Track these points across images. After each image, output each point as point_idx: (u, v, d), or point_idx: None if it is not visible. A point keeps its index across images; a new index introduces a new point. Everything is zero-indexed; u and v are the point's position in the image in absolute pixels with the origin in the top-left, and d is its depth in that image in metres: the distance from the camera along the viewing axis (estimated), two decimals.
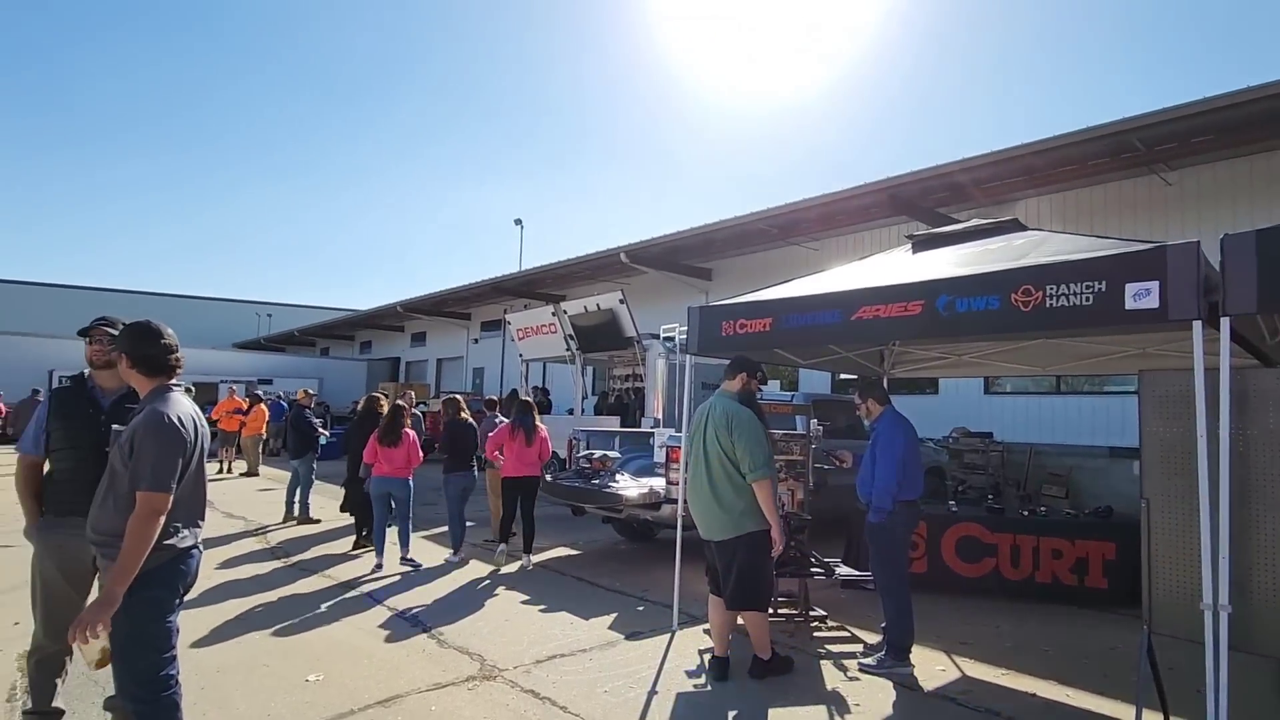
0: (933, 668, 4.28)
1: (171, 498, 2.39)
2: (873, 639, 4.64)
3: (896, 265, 4.66)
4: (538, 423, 6.90)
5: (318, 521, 8.79)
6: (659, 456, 7.07)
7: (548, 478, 7.40)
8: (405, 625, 4.89)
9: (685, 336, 5.23)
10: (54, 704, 3.10)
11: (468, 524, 7.36)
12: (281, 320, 39.33)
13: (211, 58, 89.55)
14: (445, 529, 7.41)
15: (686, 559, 4.87)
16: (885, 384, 6.15)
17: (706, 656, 4.23)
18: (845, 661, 4.35)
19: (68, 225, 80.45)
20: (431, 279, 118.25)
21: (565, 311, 11.59)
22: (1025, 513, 6.39)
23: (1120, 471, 9.51)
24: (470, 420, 7.59)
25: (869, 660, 4.28)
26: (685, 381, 5.42)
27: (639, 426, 10.30)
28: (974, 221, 5.18)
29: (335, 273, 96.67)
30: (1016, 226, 4.82)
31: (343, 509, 8.03)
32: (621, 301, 10.26)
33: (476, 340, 25.87)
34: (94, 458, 2.77)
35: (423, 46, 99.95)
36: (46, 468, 3.07)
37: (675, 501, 5.44)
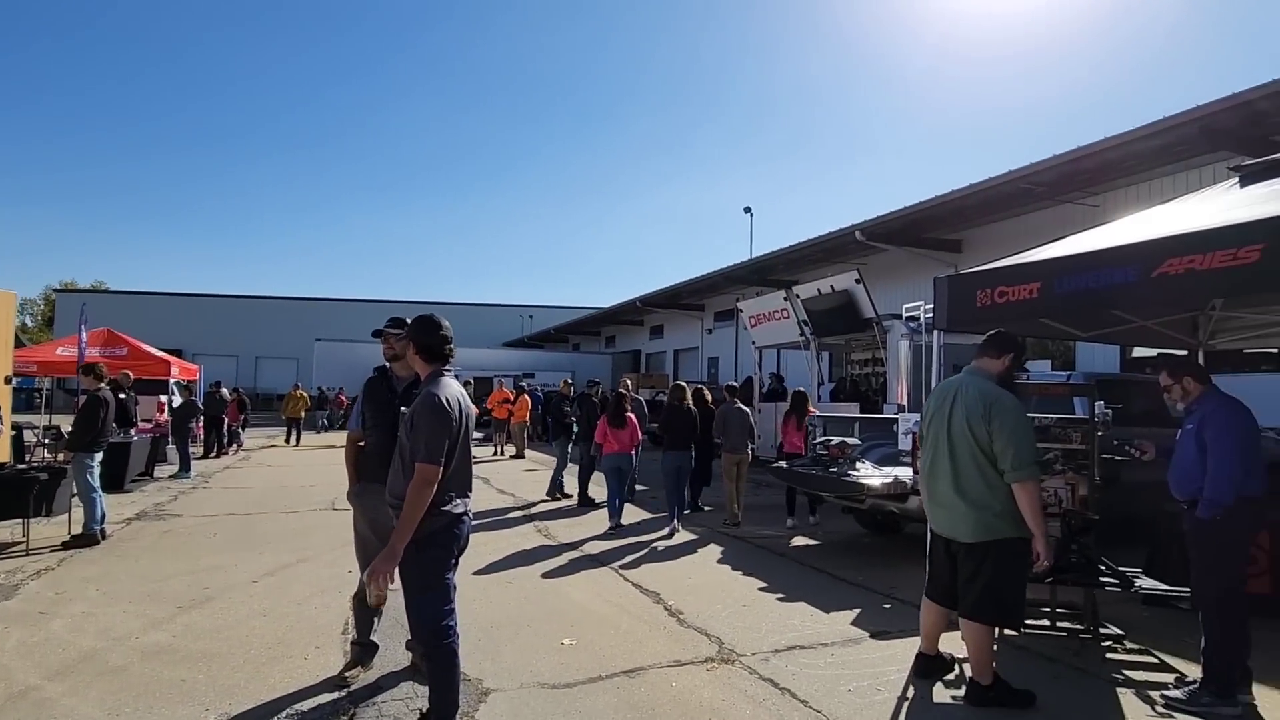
0: (1276, 713, 3.37)
1: (442, 469, 2.72)
2: (1189, 670, 3.77)
3: (1216, 206, 3.72)
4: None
5: (570, 496, 9.63)
6: (904, 444, 6.54)
7: (782, 464, 7.27)
8: (646, 601, 5.11)
9: (931, 313, 4.73)
10: (371, 638, 3.74)
11: (705, 508, 7.51)
12: (541, 320, 43.89)
13: (449, 86, 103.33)
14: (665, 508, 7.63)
15: None
16: (1202, 359, 5.00)
17: (967, 666, 3.78)
18: (1149, 693, 3.61)
19: (380, 250, 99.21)
20: (666, 274, 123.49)
21: (798, 296, 11.28)
22: None
23: None
24: (690, 407, 7.78)
25: (1177, 694, 3.48)
26: (933, 363, 4.90)
27: (880, 412, 9.68)
28: None
29: (583, 274, 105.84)
30: None
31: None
32: (858, 281, 9.69)
33: (710, 330, 26.39)
34: (392, 434, 3.27)
35: (647, 55, 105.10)
36: (363, 443, 3.69)
37: None
